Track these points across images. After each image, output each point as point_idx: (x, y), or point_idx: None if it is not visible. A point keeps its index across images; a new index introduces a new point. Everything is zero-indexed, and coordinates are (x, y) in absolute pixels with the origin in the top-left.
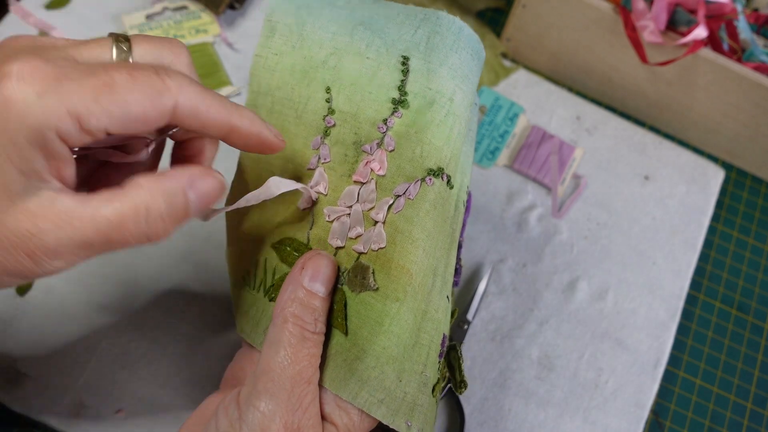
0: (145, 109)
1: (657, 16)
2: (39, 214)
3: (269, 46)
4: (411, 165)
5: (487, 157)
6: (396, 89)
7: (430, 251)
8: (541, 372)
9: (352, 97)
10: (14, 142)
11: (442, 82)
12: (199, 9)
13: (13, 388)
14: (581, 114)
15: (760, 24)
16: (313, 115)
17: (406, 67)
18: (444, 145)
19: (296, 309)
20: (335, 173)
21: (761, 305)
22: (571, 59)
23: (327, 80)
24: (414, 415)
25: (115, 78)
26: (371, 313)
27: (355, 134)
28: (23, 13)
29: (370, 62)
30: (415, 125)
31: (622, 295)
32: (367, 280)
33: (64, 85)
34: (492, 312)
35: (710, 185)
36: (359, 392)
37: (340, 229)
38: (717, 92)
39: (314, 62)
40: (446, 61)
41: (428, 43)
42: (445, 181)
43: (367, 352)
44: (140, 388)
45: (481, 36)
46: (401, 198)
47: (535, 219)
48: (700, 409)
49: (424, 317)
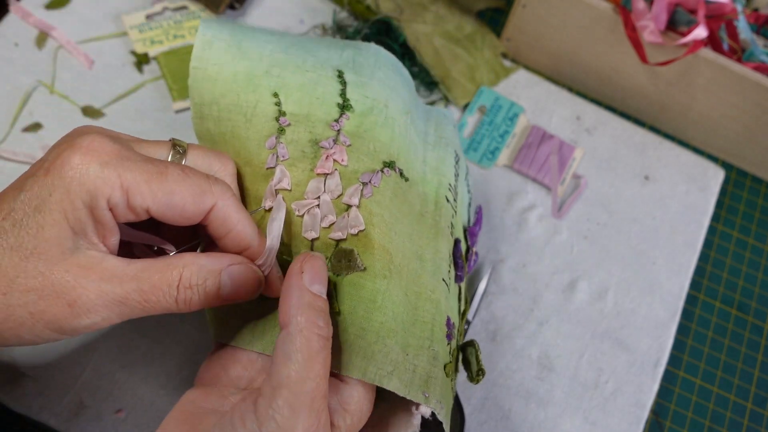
0: (186, 203)
1: (657, 16)
2: (87, 267)
3: (207, 57)
4: (368, 158)
5: (487, 157)
6: (339, 96)
7: (405, 235)
8: (541, 372)
9: (301, 101)
10: (72, 203)
11: (375, 91)
12: (199, 9)
13: (13, 388)
14: (581, 114)
15: (760, 24)
16: (263, 117)
17: (342, 80)
18: (390, 142)
19: (310, 314)
20: (296, 169)
21: (761, 305)
22: (571, 59)
23: (273, 87)
24: (430, 387)
25: (169, 170)
26: (363, 292)
27: (310, 132)
28: (23, 13)
29: (311, 74)
30: (363, 126)
31: (622, 295)
32: (353, 262)
33: (124, 164)
34: (492, 312)
35: (710, 185)
36: (367, 368)
37: (311, 221)
38: (717, 92)
39: (257, 71)
40: (374, 75)
41: (354, 62)
42: (398, 173)
43: (366, 330)
44: (140, 388)
45: (482, 36)
46: (368, 185)
47: (535, 219)
48: (700, 409)
49: (419, 297)
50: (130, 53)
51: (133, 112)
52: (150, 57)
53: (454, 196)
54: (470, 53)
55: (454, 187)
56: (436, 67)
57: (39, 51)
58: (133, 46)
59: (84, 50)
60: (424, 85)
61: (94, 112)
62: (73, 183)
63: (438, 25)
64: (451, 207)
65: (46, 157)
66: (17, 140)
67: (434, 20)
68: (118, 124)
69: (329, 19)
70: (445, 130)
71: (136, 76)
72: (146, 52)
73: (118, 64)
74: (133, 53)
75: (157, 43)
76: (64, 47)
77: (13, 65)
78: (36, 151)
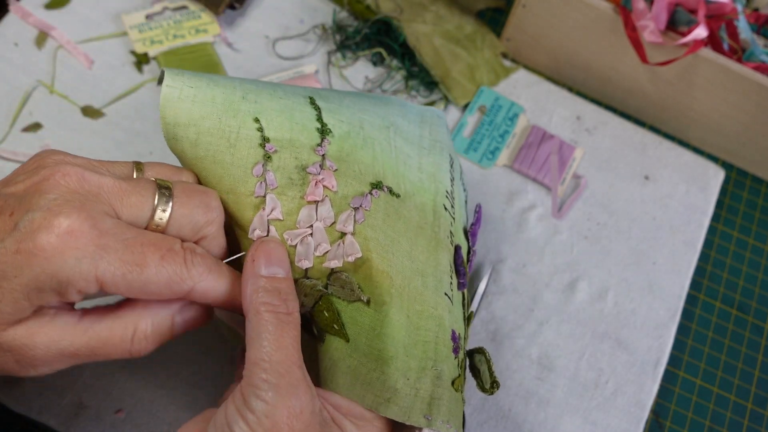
0: (162, 291)
1: (657, 16)
2: (37, 331)
3: (181, 80)
4: (356, 181)
5: (487, 157)
6: (317, 121)
7: (404, 254)
8: (541, 372)
9: (282, 126)
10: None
11: (347, 115)
12: (199, 9)
13: (13, 388)
14: (581, 114)
15: (760, 24)
16: (247, 143)
17: (316, 105)
18: (373, 162)
19: (263, 297)
20: (286, 197)
21: (761, 305)
22: (571, 59)
23: (252, 112)
24: (434, 409)
25: (147, 259)
26: (365, 319)
27: (296, 158)
28: (23, 13)
29: (285, 101)
30: (344, 149)
31: (622, 295)
32: (355, 293)
33: (103, 257)
34: (492, 312)
35: (710, 185)
36: (365, 395)
37: (305, 250)
38: (717, 92)
39: (234, 97)
40: (342, 101)
41: (319, 93)
42: (387, 192)
43: (366, 357)
44: (140, 388)
45: (482, 36)
46: (359, 210)
47: (535, 219)
48: (700, 409)
49: (421, 316)
50: (130, 53)
51: (133, 112)
52: (150, 57)
53: (452, 203)
54: (470, 53)
55: (451, 193)
56: (436, 67)
57: (39, 51)
58: (133, 46)
59: (84, 50)
60: (424, 85)
61: (94, 112)
62: (43, 274)
63: (438, 25)
64: (449, 215)
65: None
66: (17, 140)
67: (434, 20)
68: (118, 124)
69: (329, 19)
70: (439, 132)
71: (135, 76)
72: (146, 52)
73: (117, 64)
74: (133, 53)
75: (157, 43)
76: (64, 47)
77: (13, 65)
78: (35, 151)
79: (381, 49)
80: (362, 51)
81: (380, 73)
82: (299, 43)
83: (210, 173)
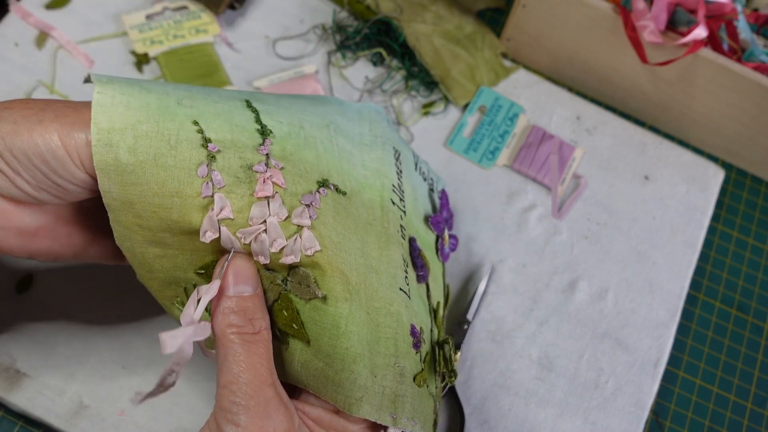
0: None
1: (657, 16)
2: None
3: (113, 87)
4: (303, 180)
5: (487, 157)
6: (256, 122)
7: (357, 251)
8: (541, 372)
9: (222, 128)
10: None
11: (285, 116)
12: (199, 9)
13: (13, 388)
14: (581, 114)
15: (760, 24)
16: (188, 144)
17: (253, 108)
18: (317, 161)
19: (228, 319)
20: (235, 195)
21: (761, 305)
22: (571, 59)
23: (190, 116)
24: (398, 407)
25: None
26: (326, 318)
27: (240, 158)
28: (23, 13)
29: (221, 105)
30: (287, 149)
31: (622, 295)
32: (311, 288)
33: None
34: (492, 312)
35: (710, 185)
36: (336, 396)
37: (260, 247)
38: (717, 92)
39: (169, 102)
40: (279, 103)
41: (255, 96)
42: (333, 189)
43: (332, 357)
44: (140, 388)
45: (482, 36)
46: (311, 207)
47: (535, 219)
48: (700, 409)
49: (379, 313)
50: (130, 53)
51: None
52: (150, 57)
53: (401, 196)
54: (470, 53)
55: (399, 186)
56: (436, 67)
57: (39, 51)
58: (133, 46)
59: (84, 50)
60: (424, 85)
61: None
62: None
63: (438, 25)
64: (398, 209)
65: None
66: None
67: (434, 20)
68: None
69: (329, 19)
70: (379, 127)
71: (136, 76)
72: (146, 52)
73: (118, 64)
74: (133, 53)
75: (157, 43)
76: (64, 47)
77: (13, 65)
78: None
79: (381, 49)
80: (362, 51)
81: (380, 73)
82: (299, 43)
83: (153, 178)
